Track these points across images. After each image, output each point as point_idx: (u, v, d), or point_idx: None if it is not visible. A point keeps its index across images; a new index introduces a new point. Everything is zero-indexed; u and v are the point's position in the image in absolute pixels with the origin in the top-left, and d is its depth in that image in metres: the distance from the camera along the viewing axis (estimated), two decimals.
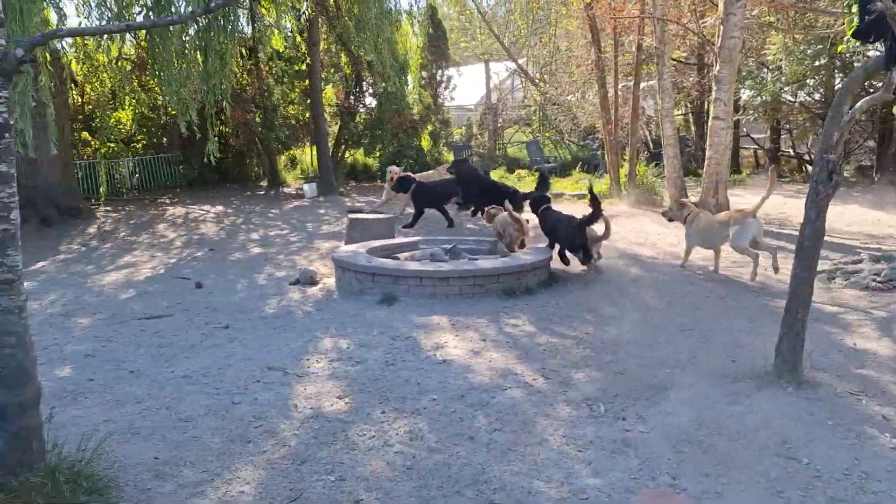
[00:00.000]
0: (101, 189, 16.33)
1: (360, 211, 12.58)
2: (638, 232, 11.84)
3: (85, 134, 18.19)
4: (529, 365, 5.62)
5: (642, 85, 17.00)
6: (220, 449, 4.26)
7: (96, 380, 5.49)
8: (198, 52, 9.54)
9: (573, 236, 8.39)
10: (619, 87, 16.73)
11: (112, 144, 19.14)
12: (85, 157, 17.17)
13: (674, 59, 18.96)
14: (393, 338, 6.34)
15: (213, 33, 9.41)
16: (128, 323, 7.10)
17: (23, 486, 3.20)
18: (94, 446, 3.86)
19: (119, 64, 15.60)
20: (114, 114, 18.61)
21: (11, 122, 3.12)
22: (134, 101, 17.34)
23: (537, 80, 23.96)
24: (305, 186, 17.33)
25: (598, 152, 20.63)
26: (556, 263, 8.72)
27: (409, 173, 12.90)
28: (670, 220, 9.04)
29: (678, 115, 21.58)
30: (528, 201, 9.74)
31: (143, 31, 9.61)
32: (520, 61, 24.65)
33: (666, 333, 6.37)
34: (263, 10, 13.09)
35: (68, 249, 11.09)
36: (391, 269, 7.54)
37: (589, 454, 4.11)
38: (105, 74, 15.79)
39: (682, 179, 14.00)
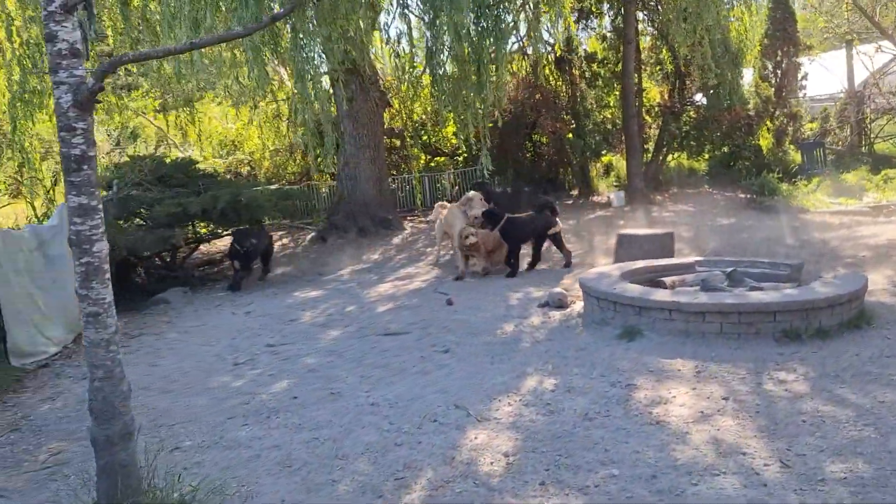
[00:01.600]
0: (417, 201, 17.47)
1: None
2: None
3: (415, 150, 19.73)
4: (770, 442, 4.16)
5: None
6: (347, 501, 3.84)
7: (298, 399, 5.54)
8: (470, 65, 9.42)
9: None
10: None
11: (440, 159, 20.46)
12: (415, 172, 18.56)
13: None
14: (612, 383, 5.30)
15: (485, 41, 9.19)
16: (366, 338, 7.18)
17: None
18: (209, 486, 3.76)
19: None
20: (442, 130, 19.84)
21: (91, 154, 3.07)
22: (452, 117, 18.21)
23: None
24: (612, 195, 16.40)
25: None
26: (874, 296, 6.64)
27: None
28: None
29: None
30: None
31: (424, 52, 9.82)
32: None
33: None
34: (543, 13, 12.55)
35: (368, 259, 11.91)
36: (634, 298, 6.40)
37: None
38: (421, 93, 16.86)
39: None
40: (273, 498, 3.92)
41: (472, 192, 11.01)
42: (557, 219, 9.93)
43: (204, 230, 12.06)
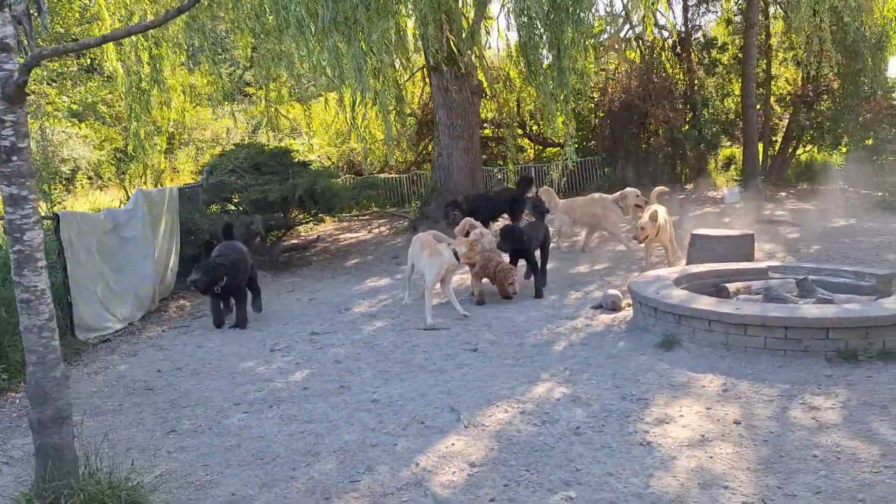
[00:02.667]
0: None
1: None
2: None
3: (525, 140, 19.40)
4: (761, 477, 3.68)
5: None
6: (292, 500, 3.80)
7: (309, 389, 5.59)
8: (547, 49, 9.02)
9: None
10: None
11: (553, 149, 20.00)
12: (510, 163, 18.21)
13: None
14: (623, 396, 4.92)
15: (563, 26, 8.77)
16: (405, 332, 7.12)
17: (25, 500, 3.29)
18: (172, 473, 3.84)
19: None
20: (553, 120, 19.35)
21: (21, 146, 3.20)
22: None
23: None
24: (725, 190, 15.27)
25: None
26: None
27: None
28: None
29: None
30: None
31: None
32: None
33: None
34: None
35: None
36: (673, 305, 5.88)
37: None
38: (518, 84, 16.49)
39: None
40: (225, 490, 3.96)
41: (628, 189, 10.70)
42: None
43: (301, 216, 12.51)
